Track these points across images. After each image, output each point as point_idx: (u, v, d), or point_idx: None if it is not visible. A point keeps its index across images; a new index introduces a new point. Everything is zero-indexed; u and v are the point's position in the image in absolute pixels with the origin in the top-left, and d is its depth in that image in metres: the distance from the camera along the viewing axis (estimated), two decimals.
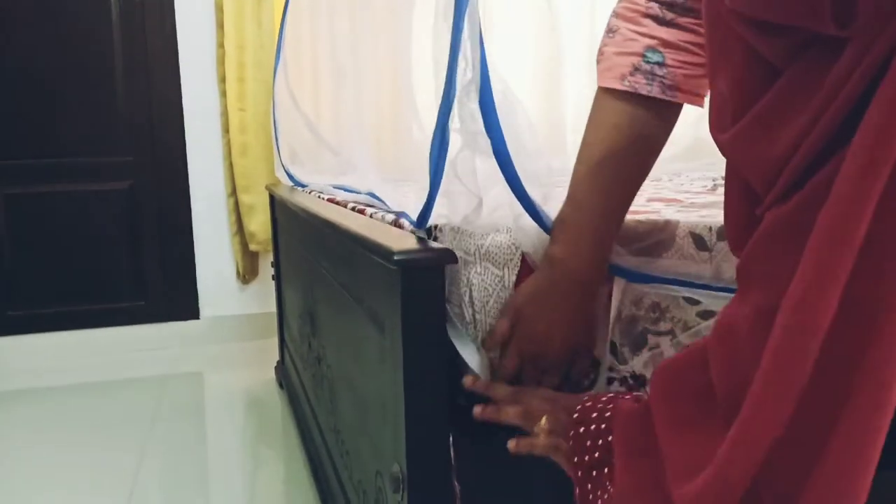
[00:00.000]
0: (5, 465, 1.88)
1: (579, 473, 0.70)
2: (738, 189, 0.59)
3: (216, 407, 2.37)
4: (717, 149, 0.63)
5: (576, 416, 0.72)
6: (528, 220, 0.86)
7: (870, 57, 0.45)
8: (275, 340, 2.50)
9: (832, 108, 0.47)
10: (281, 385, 2.35)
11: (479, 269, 0.85)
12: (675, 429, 0.59)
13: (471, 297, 0.85)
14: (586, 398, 0.74)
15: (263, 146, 2.83)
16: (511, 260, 0.85)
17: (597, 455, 0.69)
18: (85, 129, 2.80)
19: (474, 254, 0.85)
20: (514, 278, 0.85)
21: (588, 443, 0.70)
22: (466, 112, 0.82)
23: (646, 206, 1.21)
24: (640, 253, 0.89)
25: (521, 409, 0.79)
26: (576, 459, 0.70)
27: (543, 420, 0.76)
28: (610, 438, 0.68)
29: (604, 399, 0.73)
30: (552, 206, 0.87)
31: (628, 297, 0.88)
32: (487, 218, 0.87)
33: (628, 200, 0.83)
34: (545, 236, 0.86)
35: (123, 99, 2.83)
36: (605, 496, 0.68)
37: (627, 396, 0.73)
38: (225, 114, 2.85)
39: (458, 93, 0.81)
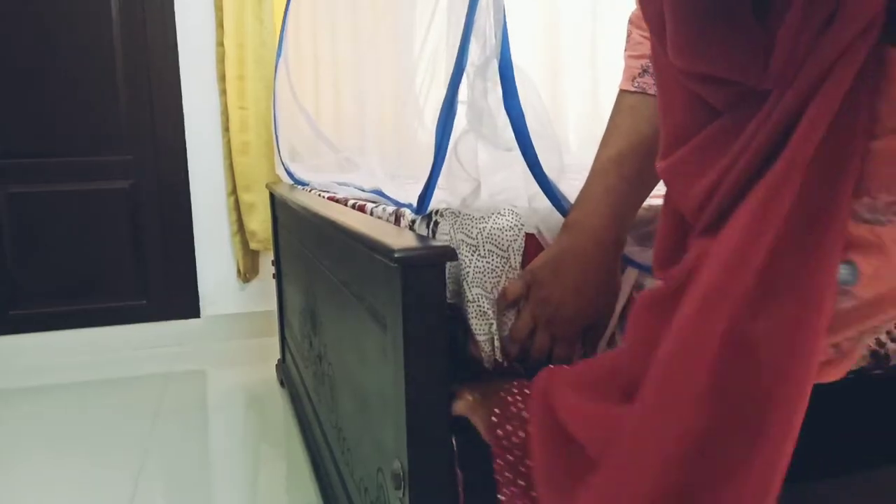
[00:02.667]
0: (8, 463, 1.89)
1: (495, 442, 0.78)
2: (671, 216, 0.65)
3: (217, 405, 2.37)
4: None
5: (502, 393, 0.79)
6: (542, 201, 0.86)
7: (781, 106, 0.52)
8: (275, 339, 2.50)
9: (749, 149, 0.54)
10: (282, 383, 2.36)
11: (482, 253, 0.85)
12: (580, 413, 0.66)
13: (475, 280, 0.85)
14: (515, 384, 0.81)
15: (264, 144, 2.83)
16: (515, 241, 0.85)
17: (520, 424, 0.77)
18: (86, 128, 2.80)
19: (477, 237, 0.84)
20: (519, 259, 0.85)
21: (512, 409, 0.78)
22: (479, 90, 0.82)
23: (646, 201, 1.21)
24: (644, 238, 0.89)
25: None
26: (497, 432, 0.78)
27: (468, 393, 0.84)
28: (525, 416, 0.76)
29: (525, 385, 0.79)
30: (564, 188, 0.87)
31: (629, 283, 0.89)
32: (487, 201, 0.88)
33: (645, 178, 0.84)
34: (557, 217, 0.86)
35: (124, 98, 2.84)
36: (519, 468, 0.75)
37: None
38: (225, 112, 2.85)
39: (471, 69, 0.82)
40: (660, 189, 0.97)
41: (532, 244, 0.86)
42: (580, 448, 0.64)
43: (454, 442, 0.82)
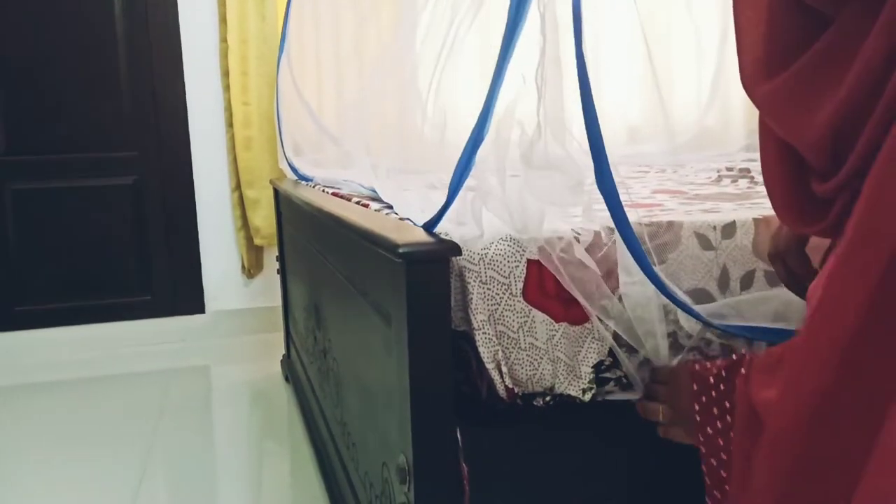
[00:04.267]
0: (13, 459, 1.90)
1: (704, 442, 0.76)
2: (779, 153, 0.56)
3: (222, 400, 2.38)
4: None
5: (695, 387, 0.78)
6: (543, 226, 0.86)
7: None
8: (280, 334, 2.51)
9: (867, 75, 0.43)
10: (287, 378, 2.36)
11: (484, 279, 0.84)
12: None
13: (478, 306, 0.84)
14: (697, 367, 0.79)
15: (267, 140, 2.83)
16: (517, 267, 0.85)
17: (727, 419, 0.74)
18: (89, 124, 2.80)
19: (479, 263, 0.84)
20: (520, 286, 0.85)
21: (715, 410, 0.76)
22: (494, 166, 0.83)
23: (650, 197, 1.21)
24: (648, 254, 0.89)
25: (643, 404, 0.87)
26: (707, 430, 0.76)
27: (661, 413, 0.84)
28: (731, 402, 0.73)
29: (718, 364, 0.77)
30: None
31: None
32: (487, 236, 0.88)
33: None
34: (566, 241, 0.86)
35: (127, 94, 2.84)
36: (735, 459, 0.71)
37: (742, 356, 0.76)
38: (229, 108, 2.85)
39: (499, 141, 0.82)
40: (649, 183, 0.95)
41: (534, 270, 0.86)
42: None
43: (459, 436, 0.83)
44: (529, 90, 0.82)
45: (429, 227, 0.89)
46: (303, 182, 2.02)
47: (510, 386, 0.85)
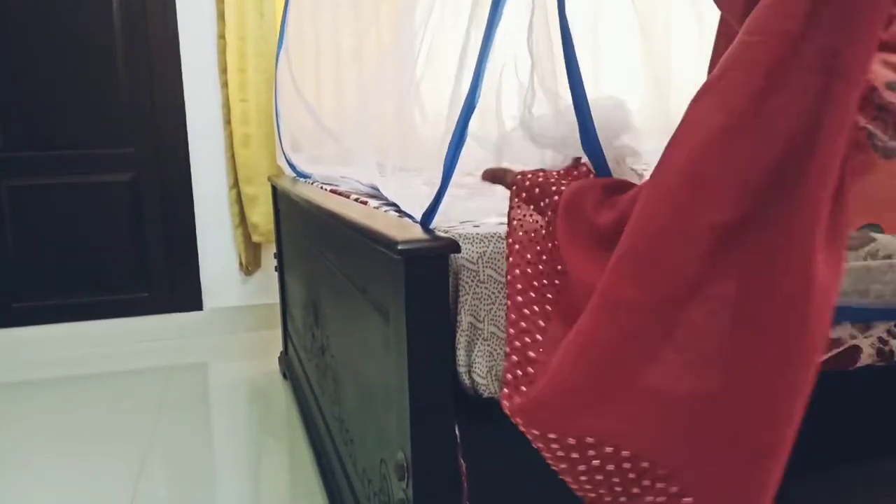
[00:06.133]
0: (11, 457, 1.90)
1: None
2: (726, 37, 0.66)
3: (220, 397, 2.38)
4: None
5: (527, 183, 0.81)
6: None
7: None
8: (278, 331, 2.50)
9: None
10: (285, 375, 2.36)
11: (482, 278, 0.84)
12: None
13: (471, 307, 0.84)
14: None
15: (265, 137, 2.83)
16: None
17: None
18: (87, 120, 2.80)
19: (477, 262, 0.84)
20: None
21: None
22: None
23: None
24: None
25: None
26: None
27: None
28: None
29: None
30: None
31: None
32: (491, 225, 0.87)
33: None
34: None
35: (125, 91, 2.83)
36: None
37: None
38: (226, 105, 2.85)
39: (520, 115, 0.82)
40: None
41: None
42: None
43: (457, 433, 0.83)
44: (521, 55, 0.82)
45: (428, 212, 0.89)
46: (301, 179, 2.01)
47: (469, 386, 0.84)
